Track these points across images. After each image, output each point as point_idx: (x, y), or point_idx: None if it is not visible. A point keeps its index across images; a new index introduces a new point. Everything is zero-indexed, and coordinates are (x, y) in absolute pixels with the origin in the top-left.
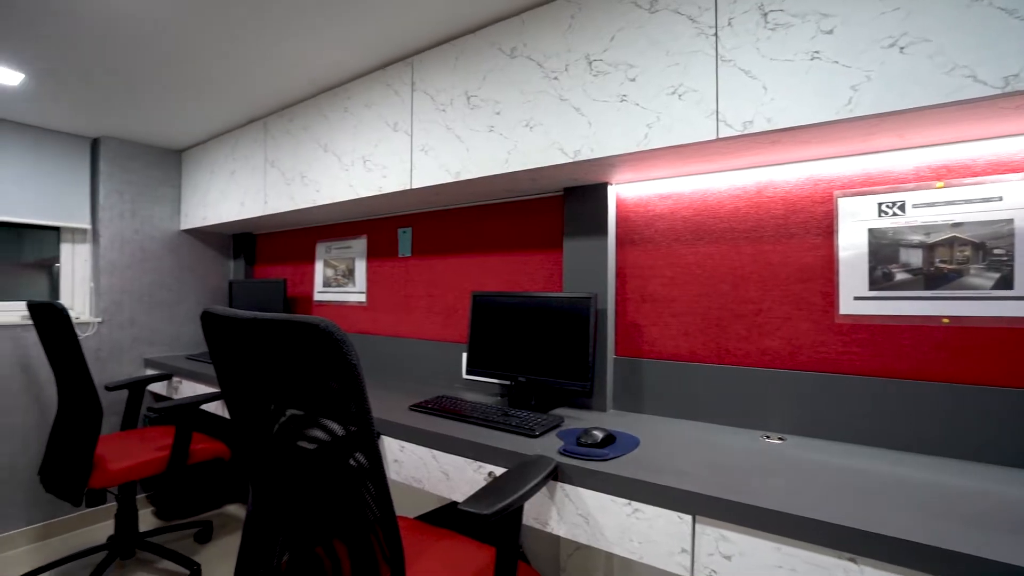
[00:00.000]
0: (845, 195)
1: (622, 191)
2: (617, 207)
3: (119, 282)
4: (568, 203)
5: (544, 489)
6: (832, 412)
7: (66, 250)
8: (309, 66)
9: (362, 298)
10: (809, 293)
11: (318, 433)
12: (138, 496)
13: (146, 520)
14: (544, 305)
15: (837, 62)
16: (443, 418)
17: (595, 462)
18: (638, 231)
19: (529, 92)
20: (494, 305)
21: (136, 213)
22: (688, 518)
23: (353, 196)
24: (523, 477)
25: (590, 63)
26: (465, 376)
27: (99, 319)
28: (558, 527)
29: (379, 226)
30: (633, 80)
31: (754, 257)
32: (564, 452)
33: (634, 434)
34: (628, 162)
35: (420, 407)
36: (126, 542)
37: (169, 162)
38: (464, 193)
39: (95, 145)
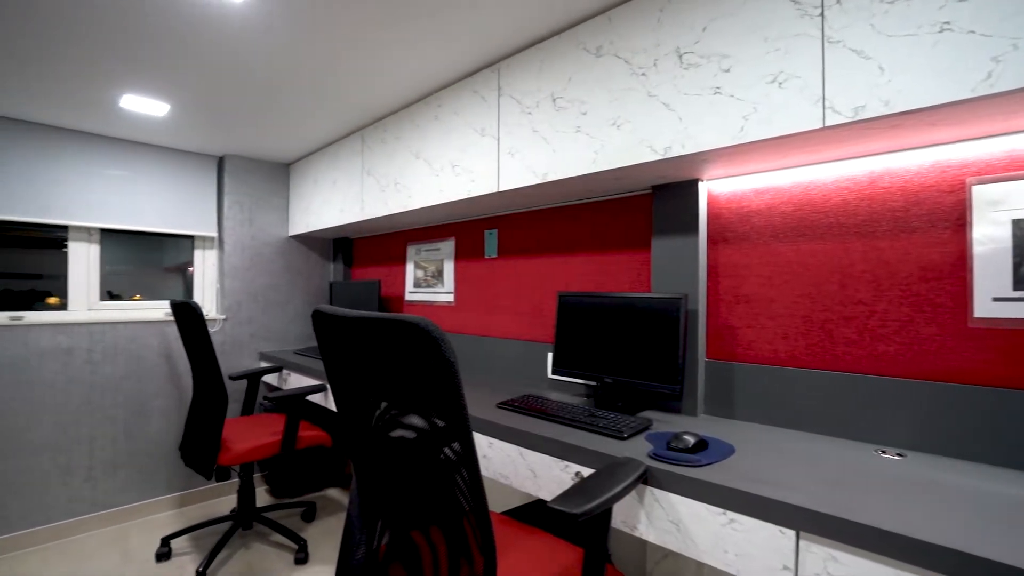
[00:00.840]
0: (981, 182)
1: (714, 187)
2: (708, 204)
3: (240, 284)
4: (656, 201)
5: (633, 493)
6: (961, 427)
7: (198, 256)
8: (402, 79)
9: (450, 298)
10: (934, 294)
11: (415, 425)
12: (255, 475)
13: (261, 497)
14: (632, 305)
15: (973, 32)
16: (530, 416)
17: (688, 468)
18: (732, 228)
19: (616, 90)
20: (580, 305)
21: (253, 222)
22: (791, 533)
23: (442, 200)
24: (612, 479)
25: (680, 56)
26: (551, 376)
27: (224, 316)
28: (647, 532)
29: (466, 228)
30: (727, 71)
31: (865, 254)
32: (654, 456)
33: (728, 441)
34: (721, 157)
35: (507, 405)
36: (246, 515)
37: (279, 175)
38: (549, 194)
39: (221, 163)
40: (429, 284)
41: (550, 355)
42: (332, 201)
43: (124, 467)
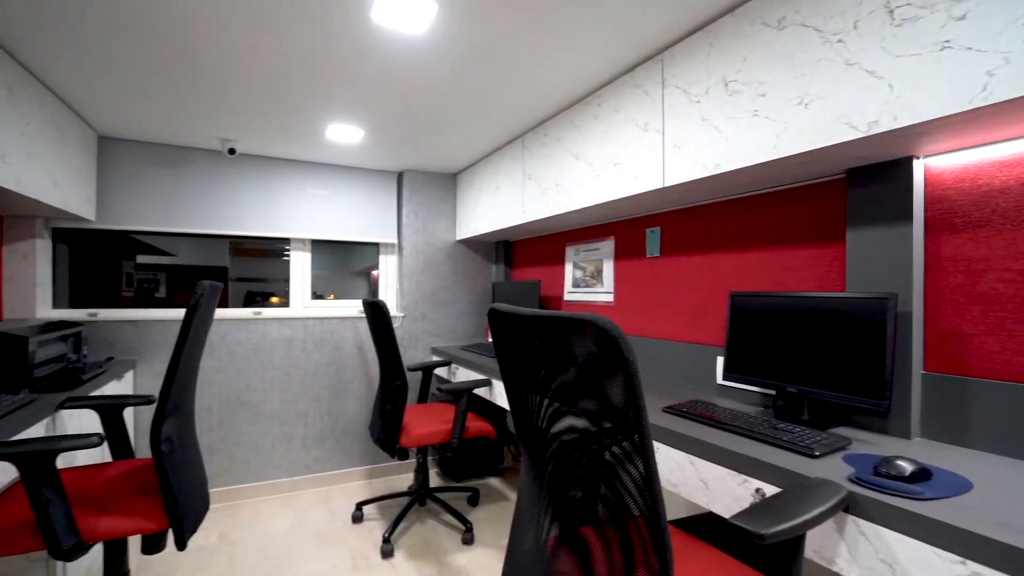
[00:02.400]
0: None
1: (935, 164)
2: (927, 185)
3: (415, 285)
4: (854, 186)
5: (832, 521)
6: None
7: (382, 260)
8: (562, 81)
9: (609, 298)
10: None
11: (586, 424)
12: (429, 458)
13: (432, 479)
14: (823, 307)
15: None
16: (699, 423)
17: (907, 500)
18: (962, 213)
19: (803, 64)
20: (757, 306)
21: (425, 228)
22: None
23: (603, 199)
24: (805, 501)
25: (891, 12)
26: (720, 381)
27: (402, 314)
28: (849, 569)
29: (626, 227)
30: (961, 19)
31: None
32: (859, 481)
33: (960, 473)
34: (948, 127)
35: (674, 410)
36: (423, 493)
37: (447, 184)
38: (719, 187)
39: (400, 177)
40: (588, 284)
41: (719, 359)
42: (495, 206)
43: (328, 440)
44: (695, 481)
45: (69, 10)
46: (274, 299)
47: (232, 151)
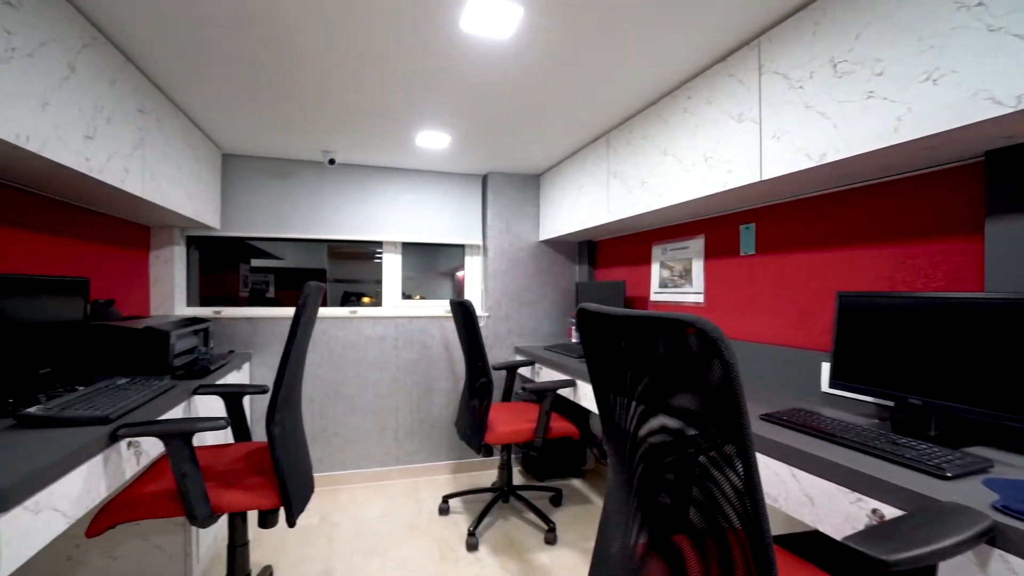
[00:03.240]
0: None
1: None
2: None
3: (499, 285)
4: (995, 170)
5: (971, 553)
6: None
7: (468, 261)
8: (648, 75)
9: (699, 299)
10: None
11: (682, 425)
12: (512, 456)
13: (516, 477)
14: (955, 309)
15: None
16: (802, 433)
17: None
18: None
19: (932, 34)
20: (870, 308)
21: (509, 229)
22: None
23: (694, 196)
24: (936, 528)
25: None
26: (825, 389)
27: (487, 314)
28: None
29: (718, 224)
30: None
31: None
32: (1006, 510)
33: None
34: None
35: (773, 418)
36: (506, 490)
37: (531, 185)
38: (824, 178)
39: (484, 180)
40: (676, 284)
41: (825, 365)
42: (579, 206)
43: (417, 434)
44: (798, 496)
45: (213, 54)
46: (365, 299)
47: (332, 161)
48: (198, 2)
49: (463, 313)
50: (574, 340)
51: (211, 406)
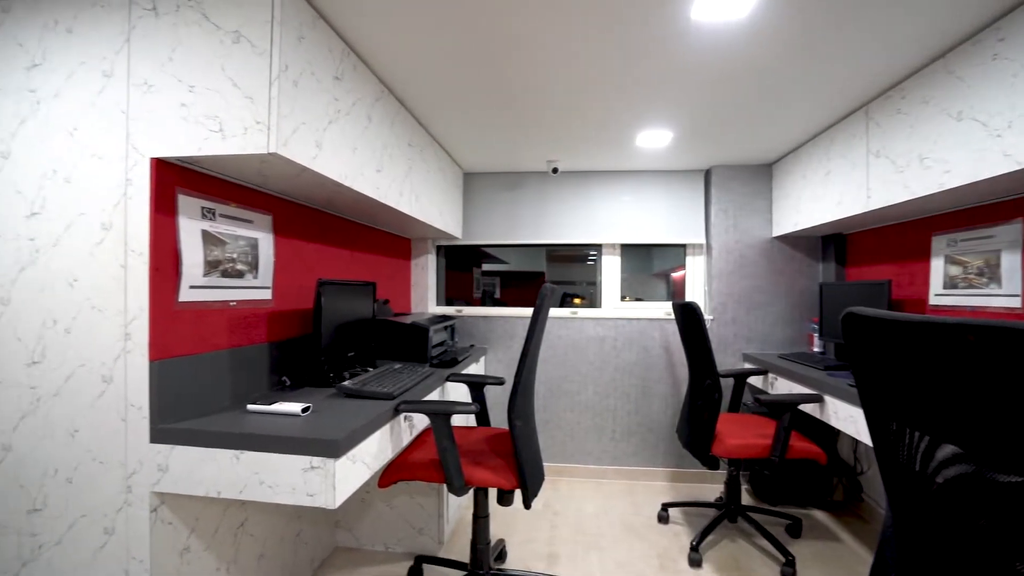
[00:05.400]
0: None
1: None
2: None
3: (724, 286)
4: None
5: None
6: None
7: (689, 261)
8: (928, 24)
9: (1015, 303)
10: None
11: (1002, 479)
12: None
13: (743, 497)
14: None
15: None
16: None
17: None
18: None
19: None
20: None
21: (736, 226)
22: None
23: (1009, 168)
24: None
25: None
26: None
27: (711, 317)
28: None
29: None
30: None
31: None
32: None
33: None
34: None
35: None
36: (734, 509)
37: (761, 176)
38: None
39: (707, 175)
40: (972, 284)
41: None
42: (824, 195)
43: (634, 435)
44: None
45: (463, 91)
46: (576, 300)
47: (555, 170)
48: (452, 52)
49: (688, 315)
50: (816, 349)
51: (458, 391)
